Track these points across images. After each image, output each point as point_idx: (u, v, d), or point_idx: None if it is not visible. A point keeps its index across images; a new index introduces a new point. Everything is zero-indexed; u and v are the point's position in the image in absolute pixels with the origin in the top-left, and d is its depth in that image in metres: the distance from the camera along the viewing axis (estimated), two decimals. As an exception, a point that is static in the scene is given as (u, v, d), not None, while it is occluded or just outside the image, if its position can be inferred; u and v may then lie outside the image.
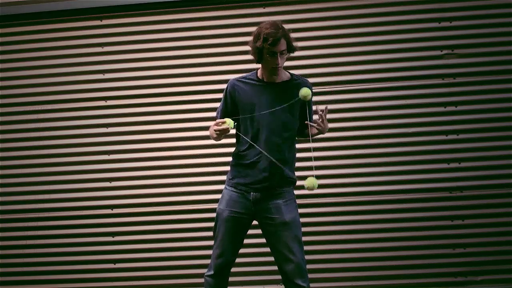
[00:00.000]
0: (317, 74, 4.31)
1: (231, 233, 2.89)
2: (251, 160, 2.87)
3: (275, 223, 2.86)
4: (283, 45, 2.71)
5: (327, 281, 4.19)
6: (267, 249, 3.04)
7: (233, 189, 2.92)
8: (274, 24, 2.71)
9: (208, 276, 2.94)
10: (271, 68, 2.78)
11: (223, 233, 2.89)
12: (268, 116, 2.81)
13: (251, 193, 2.87)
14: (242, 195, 2.89)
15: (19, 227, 4.45)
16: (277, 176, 2.87)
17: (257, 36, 2.73)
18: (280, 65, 2.76)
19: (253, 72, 2.97)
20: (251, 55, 2.83)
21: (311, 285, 4.16)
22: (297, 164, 3.04)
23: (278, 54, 2.71)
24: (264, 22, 2.78)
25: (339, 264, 4.20)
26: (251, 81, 2.90)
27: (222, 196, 2.97)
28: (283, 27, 2.74)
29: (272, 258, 3.04)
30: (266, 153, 2.81)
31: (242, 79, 2.92)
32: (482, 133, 4.18)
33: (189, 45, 4.42)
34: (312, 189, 2.79)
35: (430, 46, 4.25)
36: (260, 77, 2.90)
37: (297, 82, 2.90)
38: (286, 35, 2.72)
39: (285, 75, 2.92)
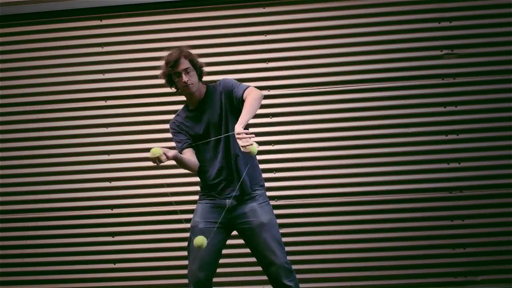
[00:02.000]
0: (317, 74, 4.31)
1: (208, 244, 2.81)
2: (214, 178, 2.90)
3: (252, 226, 2.86)
4: (184, 64, 2.85)
5: (327, 281, 4.18)
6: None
7: (207, 201, 2.93)
8: (173, 50, 2.89)
9: None
10: (183, 88, 2.88)
11: None
12: (216, 135, 2.88)
13: (226, 201, 2.89)
14: (217, 204, 2.91)
15: (18, 227, 4.45)
16: (242, 184, 2.88)
17: (162, 66, 2.90)
18: (190, 82, 2.86)
19: (183, 106, 3.05)
20: (167, 86, 2.95)
21: (311, 285, 4.18)
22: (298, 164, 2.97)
23: (182, 73, 2.84)
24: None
25: (338, 264, 4.19)
26: (184, 114, 3.00)
27: (195, 211, 2.97)
28: (183, 50, 2.89)
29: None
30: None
31: (178, 117, 3.02)
32: (482, 133, 4.18)
33: (189, 45, 4.40)
34: (200, 247, 2.69)
35: (430, 46, 4.24)
36: (189, 106, 3.00)
37: (213, 89, 2.97)
38: (187, 54, 2.87)
39: (203, 89, 2.98)
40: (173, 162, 4.30)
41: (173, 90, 2.97)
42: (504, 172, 4.14)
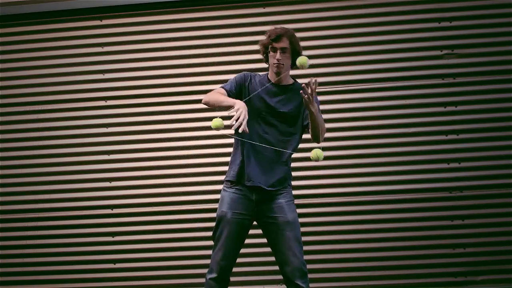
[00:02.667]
0: (317, 74, 4.29)
1: (234, 235, 2.89)
2: (246, 159, 2.90)
3: (278, 222, 2.88)
4: (284, 43, 2.85)
5: (327, 281, 4.18)
6: (267, 249, 3.03)
7: (234, 190, 2.93)
8: (280, 26, 2.93)
9: (212, 279, 2.93)
10: (273, 64, 2.88)
11: (226, 235, 2.88)
12: (267, 121, 2.90)
13: (254, 193, 2.89)
14: (244, 196, 2.91)
15: (18, 227, 4.45)
16: (272, 174, 2.90)
17: (265, 35, 2.92)
18: (281, 62, 2.86)
19: (265, 73, 3.04)
20: (261, 54, 2.98)
21: (311, 285, 4.17)
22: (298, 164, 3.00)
23: (279, 50, 2.84)
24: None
25: (339, 264, 4.19)
26: (260, 78, 2.99)
27: (222, 199, 2.97)
28: (291, 31, 2.90)
29: (272, 258, 3.04)
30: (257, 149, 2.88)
31: (254, 76, 3.01)
32: (482, 133, 4.18)
33: (189, 45, 4.42)
34: (317, 160, 2.80)
35: (430, 46, 4.25)
36: (269, 78, 2.98)
37: (299, 88, 2.93)
38: (292, 36, 2.88)
39: (290, 80, 3.00)
40: (173, 162, 4.35)
41: (263, 58, 2.97)
42: (504, 172, 4.14)
